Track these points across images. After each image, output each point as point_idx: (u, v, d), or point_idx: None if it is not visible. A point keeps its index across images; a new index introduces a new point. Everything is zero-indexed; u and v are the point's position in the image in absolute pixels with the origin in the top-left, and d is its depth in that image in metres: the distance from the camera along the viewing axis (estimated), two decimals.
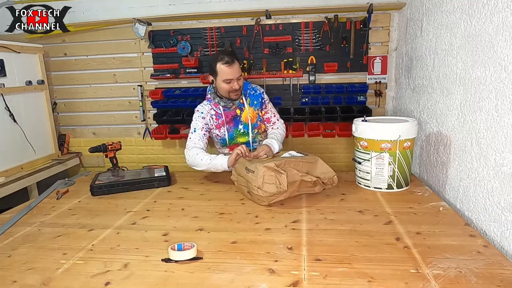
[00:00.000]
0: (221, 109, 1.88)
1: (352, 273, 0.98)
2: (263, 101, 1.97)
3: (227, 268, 1.03)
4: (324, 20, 2.47)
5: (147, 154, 2.94)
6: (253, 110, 1.93)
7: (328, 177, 1.59)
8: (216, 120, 1.89)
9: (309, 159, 1.62)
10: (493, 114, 1.22)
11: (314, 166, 1.60)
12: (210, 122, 1.90)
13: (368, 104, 2.58)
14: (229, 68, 1.74)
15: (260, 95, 1.95)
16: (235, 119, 1.91)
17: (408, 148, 1.61)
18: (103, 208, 1.59)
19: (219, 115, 1.89)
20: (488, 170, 1.26)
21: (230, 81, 1.76)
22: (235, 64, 1.76)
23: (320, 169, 1.60)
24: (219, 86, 1.81)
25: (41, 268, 1.08)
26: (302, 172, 1.53)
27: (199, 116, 1.90)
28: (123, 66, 2.79)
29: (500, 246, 1.17)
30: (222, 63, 1.74)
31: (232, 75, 1.75)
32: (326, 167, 1.61)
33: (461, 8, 1.47)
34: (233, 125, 1.92)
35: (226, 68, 1.74)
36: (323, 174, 1.59)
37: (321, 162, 1.62)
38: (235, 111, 1.91)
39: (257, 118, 1.95)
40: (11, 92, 2.35)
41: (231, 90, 1.79)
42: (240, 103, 1.91)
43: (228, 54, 1.76)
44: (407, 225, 1.26)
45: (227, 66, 1.74)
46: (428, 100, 1.84)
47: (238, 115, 1.91)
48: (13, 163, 2.36)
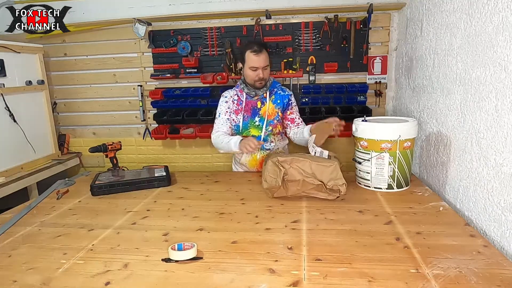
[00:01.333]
0: (244, 95, 1.94)
1: (352, 273, 0.98)
2: (290, 103, 2.00)
3: (227, 268, 1.03)
4: (324, 20, 2.47)
5: (147, 154, 2.94)
6: (274, 108, 1.95)
7: (336, 184, 1.50)
8: (237, 105, 1.95)
9: (326, 161, 1.55)
10: (493, 114, 1.22)
11: (326, 170, 1.52)
12: (231, 106, 1.96)
13: (368, 104, 2.58)
14: (256, 56, 1.81)
15: (287, 96, 1.99)
16: (254, 110, 1.95)
17: (408, 148, 1.61)
18: (103, 208, 1.59)
19: (240, 101, 1.95)
20: (488, 170, 1.26)
21: (256, 69, 1.83)
22: (263, 53, 1.82)
23: (330, 175, 1.51)
24: (246, 73, 1.89)
25: (41, 268, 1.07)
26: (307, 173, 1.53)
27: (223, 101, 1.98)
28: (123, 66, 2.79)
29: (500, 246, 1.17)
30: (251, 51, 1.82)
31: (258, 63, 1.81)
32: (339, 174, 1.51)
33: (461, 8, 1.47)
34: (250, 115, 1.94)
35: (253, 56, 1.81)
36: (332, 181, 1.50)
37: (335, 168, 1.52)
38: (256, 103, 1.95)
39: (275, 117, 1.96)
40: (11, 92, 2.35)
41: (256, 79, 1.85)
42: (263, 96, 1.95)
43: (257, 44, 1.84)
44: (407, 225, 1.26)
45: (254, 54, 1.81)
46: (428, 100, 1.84)
47: (258, 107, 1.94)
48: (13, 163, 2.36)
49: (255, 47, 1.81)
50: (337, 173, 1.51)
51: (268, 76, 1.90)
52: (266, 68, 1.85)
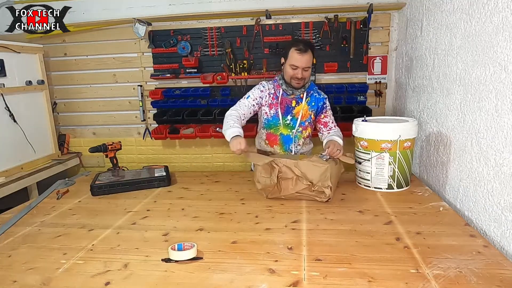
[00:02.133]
0: (281, 91, 1.90)
1: (352, 273, 0.98)
2: (324, 106, 1.96)
3: (227, 268, 1.03)
4: (324, 20, 2.47)
5: (147, 154, 2.94)
6: (308, 110, 1.92)
7: (322, 185, 1.48)
8: (272, 100, 1.91)
9: (321, 162, 1.53)
10: (493, 114, 1.22)
11: (317, 170, 1.50)
12: (265, 98, 1.91)
13: (368, 104, 2.58)
14: (299, 55, 1.76)
15: (323, 100, 1.95)
16: (288, 108, 1.91)
17: (408, 148, 1.61)
18: (103, 208, 1.59)
19: (276, 96, 1.91)
20: (488, 170, 1.26)
21: (296, 68, 1.78)
22: (307, 54, 1.76)
23: (320, 175, 1.49)
24: (285, 70, 1.84)
25: (41, 268, 1.08)
26: (298, 173, 1.52)
27: (259, 89, 1.92)
28: (123, 66, 2.79)
29: (500, 246, 1.17)
30: (295, 49, 1.77)
31: (299, 62, 1.76)
32: (327, 176, 1.48)
33: (461, 8, 1.47)
34: (283, 113, 1.91)
35: (296, 55, 1.76)
36: (319, 182, 1.49)
37: (326, 170, 1.49)
38: (291, 101, 1.91)
39: (307, 119, 1.93)
40: (11, 92, 2.35)
41: (294, 77, 1.81)
42: (299, 96, 1.91)
43: (304, 43, 1.80)
44: (407, 225, 1.26)
45: (298, 53, 1.76)
46: (428, 100, 1.84)
47: (292, 106, 1.91)
48: (13, 163, 2.36)
49: (300, 45, 1.76)
50: (326, 175, 1.48)
51: (307, 78, 1.84)
52: (307, 70, 1.79)
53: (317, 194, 1.51)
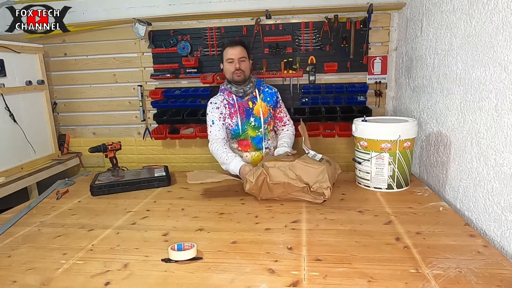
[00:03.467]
0: (234, 98, 1.94)
1: (352, 273, 0.98)
2: (278, 100, 2.04)
3: (227, 268, 1.03)
4: (324, 20, 2.47)
5: (147, 154, 2.94)
6: (266, 106, 1.97)
7: (320, 187, 1.47)
8: (229, 109, 1.95)
9: (316, 163, 1.52)
10: (493, 114, 1.22)
11: (313, 172, 1.49)
12: (224, 111, 1.95)
13: (368, 104, 2.58)
14: (231, 49, 1.85)
15: (275, 94, 2.03)
16: (247, 111, 1.95)
17: (408, 148, 1.61)
18: (103, 208, 1.59)
19: (231, 104, 1.95)
20: (488, 170, 1.26)
21: (232, 60, 1.85)
22: (238, 46, 1.86)
23: (317, 177, 1.48)
24: (225, 69, 1.91)
25: (41, 268, 1.08)
26: (292, 176, 1.50)
27: (213, 108, 1.96)
28: (123, 66, 2.79)
29: (500, 246, 1.17)
30: (227, 46, 1.88)
31: (233, 55, 1.84)
32: (325, 177, 1.47)
33: (461, 8, 1.47)
34: (244, 117, 1.94)
35: (229, 49, 1.86)
36: (317, 183, 1.47)
37: (323, 171, 1.48)
38: (248, 103, 1.95)
39: (268, 114, 1.98)
40: (11, 92, 2.35)
41: (233, 70, 1.86)
42: (253, 96, 1.96)
43: (235, 41, 1.91)
44: (407, 225, 1.26)
45: (230, 48, 1.86)
46: (428, 100, 1.84)
47: (251, 107, 1.95)
48: (13, 163, 2.36)
49: (231, 43, 1.88)
50: (324, 176, 1.47)
51: (246, 69, 1.89)
52: (243, 60, 1.86)
53: (314, 196, 1.50)
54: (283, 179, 1.51)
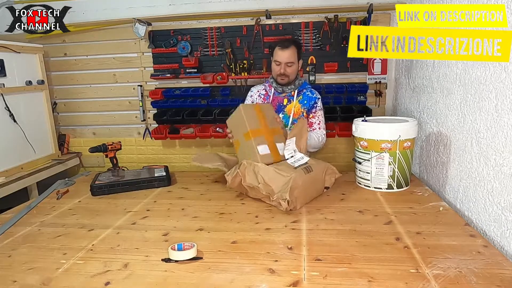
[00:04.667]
0: (272, 91, 1.95)
1: (352, 273, 0.98)
2: (315, 106, 1.97)
3: (227, 268, 1.03)
4: (324, 20, 2.47)
5: (147, 154, 2.94)
6: (300, 107, 1.95)
7: (280, 197, 1.40)
8: (263, 100, 1.96)
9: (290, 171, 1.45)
10: (493, 114, 1.22)
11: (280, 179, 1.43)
12: (256, 100, 1.96)
13: (368, 104, 2.58)
14: (281, 51, 1.83)
15: (315, 99, 1.97)
16: (279, 107, 1.95)
17: (408, 148, 1.61)
18: (103, 208, 1.59)
19: (267, 96, 1.96)
20: (488, 170, 1.26)
21: (279, 63, 1.84)
22: (289, 49, 1.82)
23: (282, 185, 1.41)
24: (272, 68, 1.92)
25: (41, 268, 1.08)
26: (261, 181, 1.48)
27: (249, 95, 2.03)
28: (123, 66, 2.79)
29: (500, 246, 1.17)
30: (278, 46, 1.85)
31: (281, 58, 1.83)
32: (287, 188, 1.38)
33: None
34: (276, 110, 1.93)
35: (278, 51, 1.84)
36: (279, 193, 1.41)
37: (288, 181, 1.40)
38: (283, 99, 1.95)
39: (299, 116, 1.94)
40: (11, 92, 2.34)
41: (278, 73, 1.86)
42: (290, 94, 1.95)
43: (287, 40, 1.88)
44: (407, 225, 1.26)
45: (280, 49, 1.83)
46: (428, 100, 1.84)
47: (284, 105, 1.95)
48: (13, 163, 2.36)
49: (284, 42, 1.84)
50: (287, 187, 1.39)
51: (292, 73, 1.88)
52: (290, 65, 1.84)
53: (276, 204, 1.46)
54: (255, 182, 1.50)
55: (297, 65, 1.89)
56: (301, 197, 1.45)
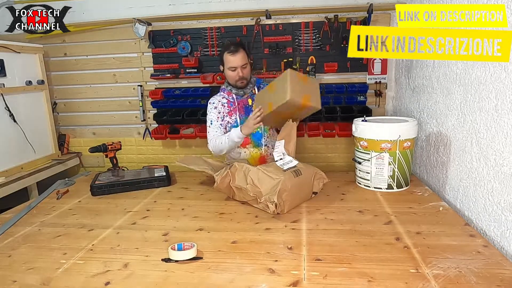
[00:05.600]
0: (234, 96, 1.94)
1: (352, 273, 0.98)
2: None
3: (227, 268, 1.03)
4: (324, 20, 2.47)
5: (147, 154, 2.94)
6: None
7: (268, 199, 1.36)
8: (228, 108, 1.95)
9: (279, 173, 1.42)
10: (493, 114, 1.22)
11: (269, 182, 1.40)
12: (222, 110, 1.95)
13: (368, 104, 2.58)
14: (232, 56, 1.81)
15: None
16: (246, 108, 1.95)
17: (408, 148, 1.61)
18: (103, 208, 1.59)
19: (231, 102, 1.95)
20: (488, 170, 1.26)
21: (235, 69, 1.84)
22: (239, 53, 1.82)
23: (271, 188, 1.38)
24: (227, 75, 1.90)
25: (41, 268, 1.08)
26: (250, 183, 1.45)
27: (211, 108, 1.97)
28: (123, 66, 2.79)
29: (500, 246, 1.17)
30: (227, 52, 1.83)
31: (235, 63, 1.82)
32: (276, 191, 1.34)
33: None
34: (243, 114, 1.94)
35: (230, 57, 1.82)
36: (267, 195, 1.37)
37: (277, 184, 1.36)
38: (247, 100, 1.95)
39: None
40: (11, 92, 2.35)
41: (237, 78, 1.86)
42: (252, 93, 1.95)
43: (234, 44, 1.85)
44: (407, 225, 1.26)
45: (231, 55, 1.82)
46: (428, 100, 1.84)
47: (250, 105, 1.95)
48: (13, 163, 2.36)
49: (231, 47, 1.82)
50: (276, 189, 1.35)
51: (248, 74, 1.89)
52: (245, 67, 1.85)
53: (263, 207, 1.42)
54: (243, 184, 1.47)
55: (249, 64, 1.90)
56: (289, 200, 1.40)
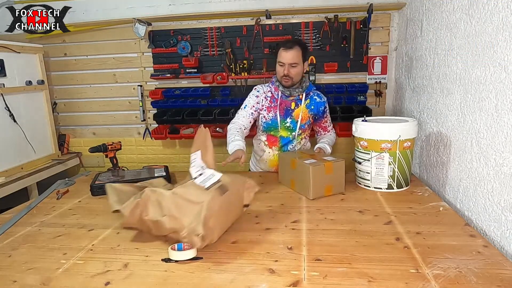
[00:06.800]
0: (280, 94, 1.87)
1: (352, 273, 0.98)
2: (325, 111, 1.97)
3: (227, 268, 1.03)
4: (324, 20, 2.47)
5: (147, 154, 2.94)
6: (307, 113, 1.90)
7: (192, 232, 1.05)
8: (270, 103, 1.89)
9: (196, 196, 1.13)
10: (493, 114, 1.22)
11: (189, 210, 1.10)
12: (262, 102, 1.89)
13: (368, 104, 2.58)
14: (285, 52, 1.76)
15: (323, 104, 1.94)
16: (287, 111, 1.89)
17: (408, 148, 1.61)
18: (103, 208, 1.59)
19: (274, 98, 1.89)
20: (488, 170, 1.26)
21: (283, 64, 1.77)
22: (293, 50, 1.75)
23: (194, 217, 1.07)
24: (276, 69, 1.84)
25: (41, 268, 1.07)
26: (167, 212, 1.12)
27: (254, 95, 1.91)
28: (123, 66, 2.79)
29: (500, 246, 1.17)
30: (282, 47, 1.79)
31: (285, 59, 1.76)
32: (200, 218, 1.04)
33: (461, 8, 1.47)
34: (283, 115, 1.88)
35: (282, 52, 1.78)
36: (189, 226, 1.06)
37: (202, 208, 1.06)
38: (290, 103, 1.88)
39: (306, 122, 1.91)
40: (11, 92, 2.35)
41: (282, 75, 1.80)
42: (298, 98, 1.89)
43: (292, 41, 1.82)
44: (407, 225, 1.26)
45: (284, 50, 1.77)
46: (428, 100, 1.84)
47: (292, 109, 1.88)
48: (13, 163, 2.36)
49: (287, 43, 1.78)
50: (200, 217, 1.05)
51: (296, 75, 1.80)
52: (294, 66, 1.77)
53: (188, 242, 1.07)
54: (158, 215, 1.12)
55: (302, 66, 1.82)
56: (219, 225, 1.14)
